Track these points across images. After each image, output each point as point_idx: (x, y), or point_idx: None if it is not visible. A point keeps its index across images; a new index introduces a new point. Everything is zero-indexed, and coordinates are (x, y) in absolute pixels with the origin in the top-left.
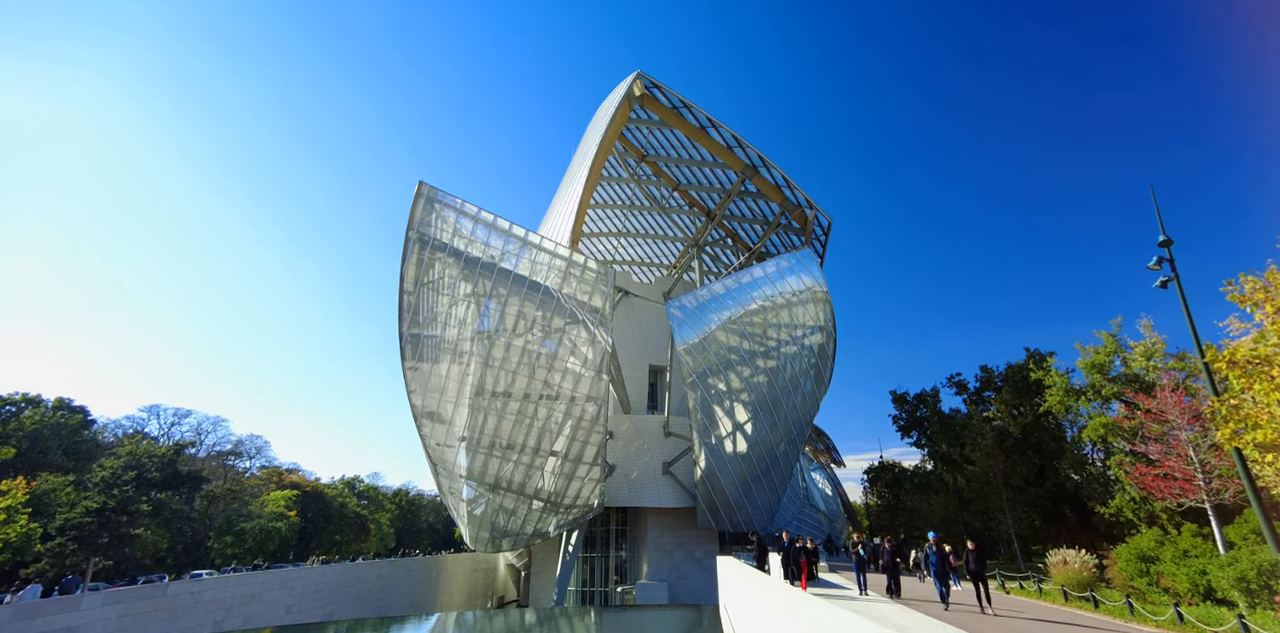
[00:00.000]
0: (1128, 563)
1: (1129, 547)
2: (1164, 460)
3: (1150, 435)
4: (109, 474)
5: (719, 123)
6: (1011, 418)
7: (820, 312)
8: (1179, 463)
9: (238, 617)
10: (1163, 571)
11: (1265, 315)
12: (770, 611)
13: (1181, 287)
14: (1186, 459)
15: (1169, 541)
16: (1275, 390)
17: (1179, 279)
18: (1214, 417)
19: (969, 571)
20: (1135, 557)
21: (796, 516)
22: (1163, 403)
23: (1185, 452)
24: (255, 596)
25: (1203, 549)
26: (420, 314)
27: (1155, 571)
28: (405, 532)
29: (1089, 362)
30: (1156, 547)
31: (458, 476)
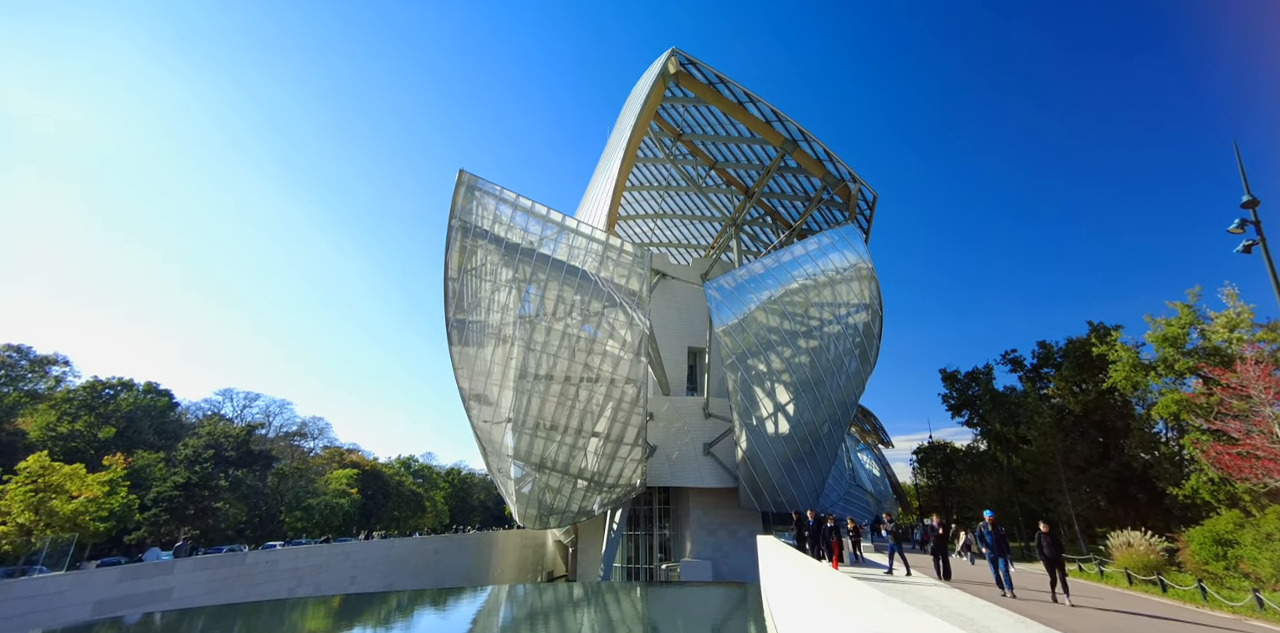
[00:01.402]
0: (1201, 546)
1: (1203, 529)
2: (1246, 439)
3: (1230, 412)
4: (191, 453)
5: (757, 97)
6: (1072, 396)
7: (865, 289)
8: (1263, 441)
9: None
10: (1242, 554)
11: None
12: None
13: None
14: (1272, 437)
15: (1250, 523)
16: None
17: (1265, 242)
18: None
19: (1043, 555)
20: (1210, 540)
21: (843, 496)
22: (1245, 377)
23: (1270, 429)
24: (322, 566)
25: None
26: (464, 300)
27: (1234, 554)
28: (458, 509)
29: (1160, 334)
30: (1235, 530)
31: (505, 455)
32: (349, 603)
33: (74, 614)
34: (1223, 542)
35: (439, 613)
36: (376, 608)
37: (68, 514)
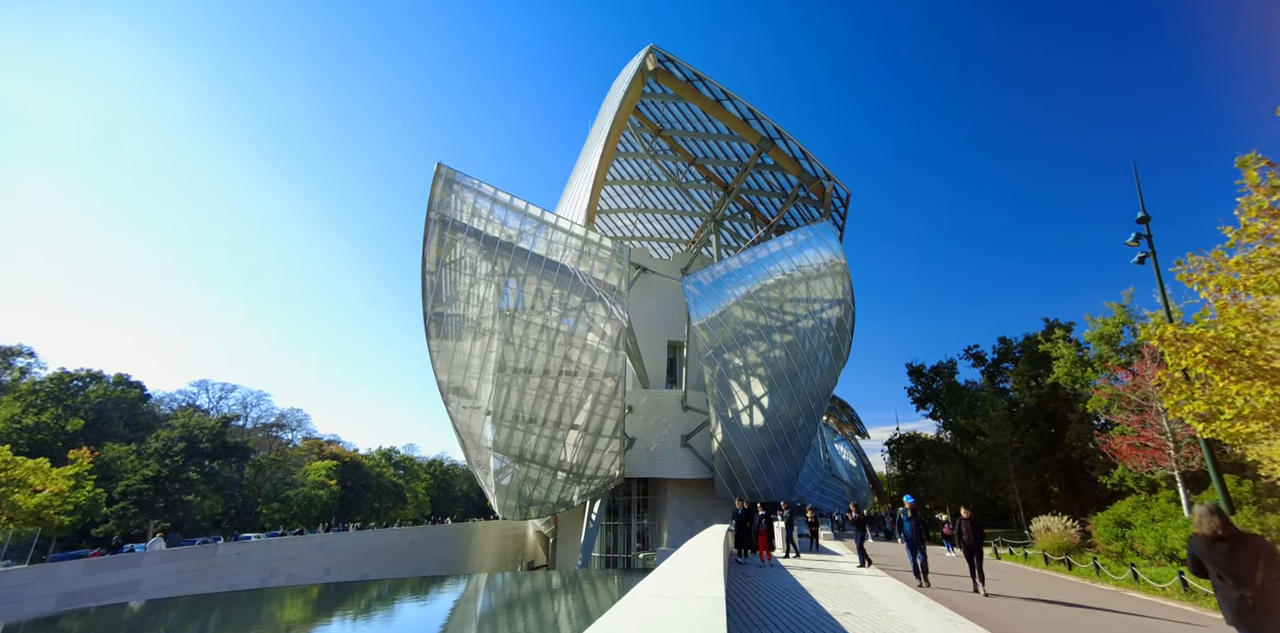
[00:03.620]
0: (1105, 528)
1: (1107, 513)
2: (1142, 431)
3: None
4: (163, 445)
5: (734, 95)
6: (1027, 389)
7: (839, 285)
8: (1154, 433)
9: (281, 576)
10: (1135, 535)
11: (1208, 294)
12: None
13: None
14: (1160, 429)
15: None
16: (1197, 366)
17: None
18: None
19: (963, 543)
20: (1113, 522)
21: (819, 486)
22: (1141, 374)
23: (1159, 422)
24: (296, 558)
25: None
26: (443, 293)
27: (1130, 535)
28: (440, 500)
29: (1097, 333)
30: (1132, 512)
31: (484, 448)
32: (324, 593)
33: (38, 607)
34: (1122, 524)
35: (416, 601)
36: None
37: (30, 509)
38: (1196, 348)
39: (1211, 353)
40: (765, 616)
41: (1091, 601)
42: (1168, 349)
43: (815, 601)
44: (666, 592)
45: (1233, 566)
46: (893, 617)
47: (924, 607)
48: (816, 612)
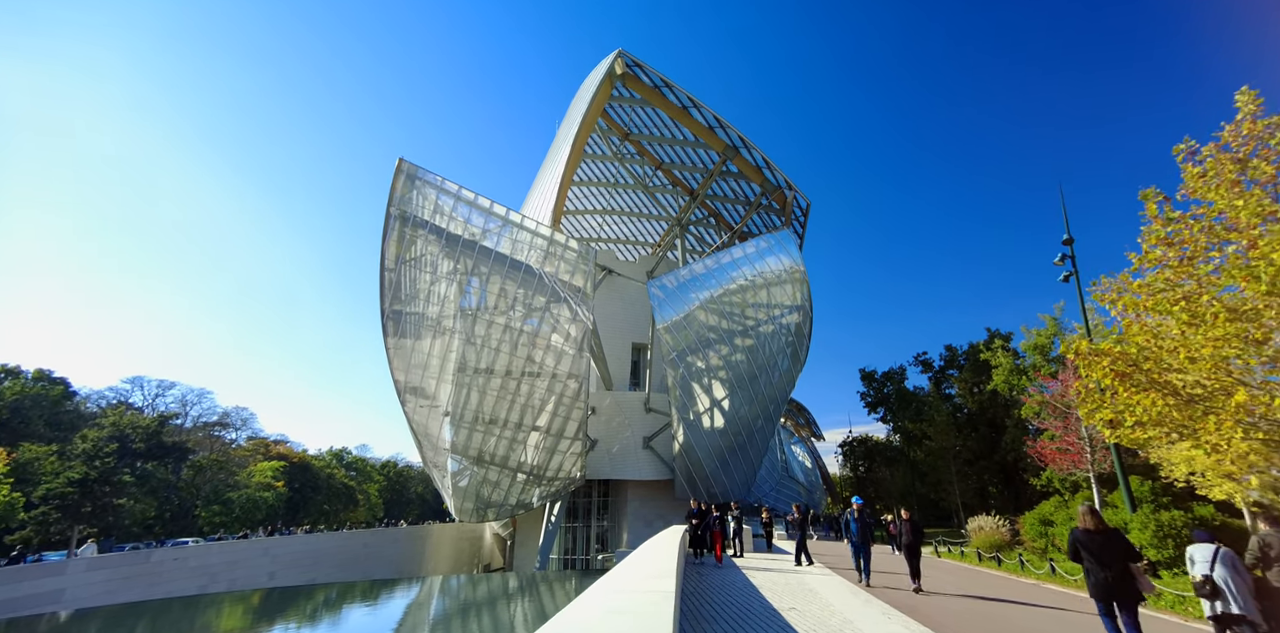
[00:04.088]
0: (1031, 527)
1: (1034, 513)
2: (1064, 436)
3: (1054, 413)
4: (91, 446)
5: (700, 103)
6: (970, 395)
7: (798, 292)
8: (1074, 438)
9: (221, 582)
10: (1056, 532)
11: (1117, 313)
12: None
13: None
14: (1079, 434)
15: (1063, 506)
16: (1105, 378)
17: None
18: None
19: (903, 543)
20: (1037, 521)
21: (775, 487)
22: (1065, 383)
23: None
24: (238, 562)
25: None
26: (402, 291)
27: (1052, 532)
28: (394, 502)
29: (1032, 343)
30: (1055, 512)
31: (442, 449)
32: (266, 599)
33: None
34: (1045, 522)
35: (365, 605)
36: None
37: None
38: (1105, 362)
39: (1117, 367)
40: (717, 611)
41: (1012, 594)
42: (1081, 362)
43: (764, 597)
44: (622, 587)
45: (1101, 554)
46: (834, 611)
47: (863, 602)
48: (764, 608)
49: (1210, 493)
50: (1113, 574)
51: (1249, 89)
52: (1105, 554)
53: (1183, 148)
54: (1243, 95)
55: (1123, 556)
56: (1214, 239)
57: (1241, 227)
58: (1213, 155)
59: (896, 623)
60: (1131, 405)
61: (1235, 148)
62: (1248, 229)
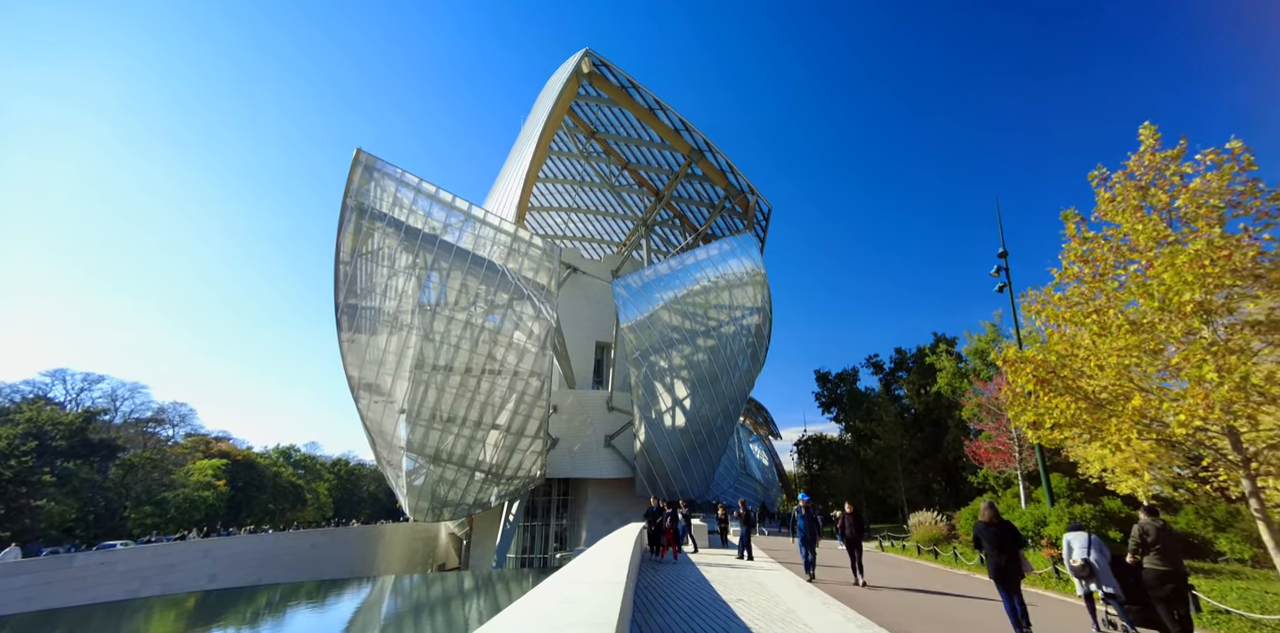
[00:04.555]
0: (965, 521)
1: (968, 508)
2: (997, 436)
3: (989, 415)
4: (5, 444)
5: (667, 105)
6: (917, 397)
7: (758, 294)
8: (1005, 438)
9: (154, 586)
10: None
11: (1041, 323)
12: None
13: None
14: (1009, 435)
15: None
16: (1028, 383)
17: (1011, 287)
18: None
19: (844, 537)
20: (971, 516)
21: (734, 485)
22: (999, 386)
23: (1008, 429)
24: (174, 565)
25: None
26: (357, 285)
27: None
28: (344, 501)
29: (973, 348)
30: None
31: (397, 447)
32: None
33: None
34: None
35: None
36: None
37: None
38: (1028, 368)
39: (1038, 373)
40: (669, 603)
41: (942, 584)
42: (1009, 369)
43: (715, 590)
44: (577, 579)
45: (998, 542)
46: (778, 602)
47: (806, 593)
48: (714, 599)
49: (1118, 488)
50: (1004, 558)
51: (1150, 124)
52: (1000, 542)
53: (1096, 174)
54: (1145, 129)
55: (1012, 543)
56: (1120, 258)
57: (1141, 248)
58: (1120, 182)
59: (834, 611)
60: (1050, 409)
61: (1139, 176)
62: (1146, 250)
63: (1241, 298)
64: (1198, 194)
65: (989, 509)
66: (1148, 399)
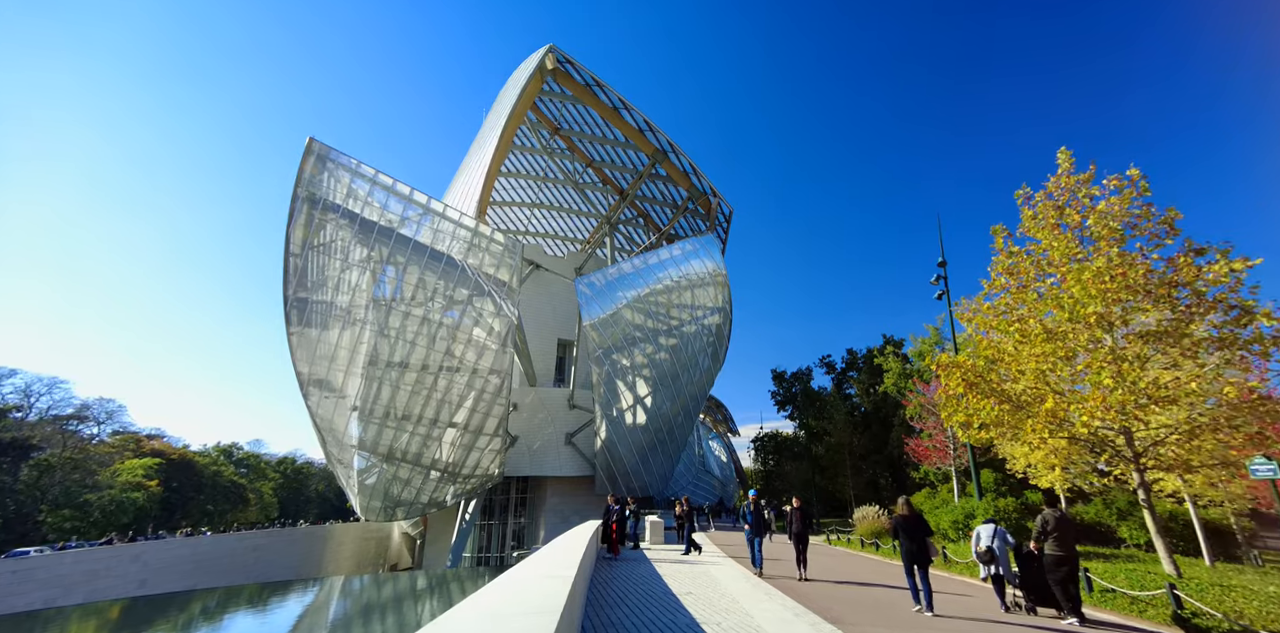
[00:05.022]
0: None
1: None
2: (935, 435)
3: (929, 415)
4: None
5: (631, 105)
6: (866, 396)
7: (719, 294)
8: (941, 437)
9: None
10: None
11: (972, 330)
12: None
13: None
14: (946, 434)
15: (931, 496)
16: (958, 387)
17: (949, 295)
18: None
19: (791, 532)
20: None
21: (693, 482)
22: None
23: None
24: (101, 571)
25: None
26: (308, 278)
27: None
28: (291, 501)
29: (917, 350)
30: (924, 501)
31: (348, 445)
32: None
33: None
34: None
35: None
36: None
37: None
38: (958, 373)
39: (967, 377)
40: (623, 597)
41: (879, 575)
42: (941, 373)
43: (666, 584)
44: (530, 574)
45: (910, 531)
46: (725, 594)
47: (752, 586)
48: (664, 592)
49: (1040, 482)
50: (916, 545)
51: (1066, 149)
52: (911, 532)
53: (1021, 193)
54: (1062, 153)
55: (922, 533)
56: (1040, 271)
57: (1057, 263)
58: (1041, 202)
59: (774, 601)
60: (978, 410)
61: (1056, 197)
62: (1061, 265)
63: (1135, 311)
64: (1103, 216)
65: (905, 504)
66: (1059, 401)
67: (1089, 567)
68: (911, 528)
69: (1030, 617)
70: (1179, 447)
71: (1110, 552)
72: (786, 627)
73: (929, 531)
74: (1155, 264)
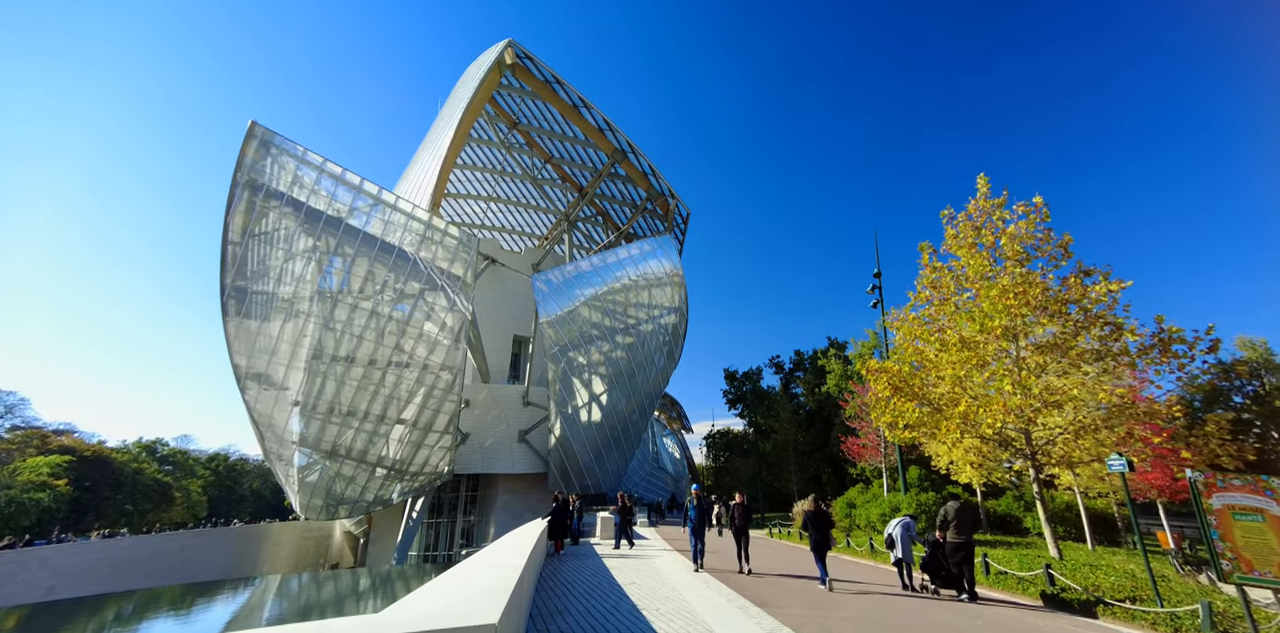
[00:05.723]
0: (840, 508)
1: (843, 497)
2: (868, 434)
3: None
4: None
5: (591, 104)
6: (811, 395)
7: (676, 294)
8: (873, 436)
9: None
10: (857, 513)
11: (900, 338)
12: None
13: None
14: (877, 433)
15: (864, 491)
16: (884, 390)
17: (883, 304)
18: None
19: (734, 526)
20: (845, 504)
21: (646, 478)
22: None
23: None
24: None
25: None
26: (248, 267)
27: (854, 513)
28: (222, 500)
29: (858, 353)
30: (858, 496)
31: (288, 441)
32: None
33: None
34: (851, 504)
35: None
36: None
37: None
38: (884, 378)
39: (893, 382)
40: (571, 588)
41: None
42: (870, 377)
43: (612, 576)
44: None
45: (817, 524)
46: (666, 584)
47: (692, 576)
48: (610, 583)
49: (959, 478)
50: (821, 536)
51: (984, 176)
52: (818, 524)
53: (946, 213)
54: (980, 179)
55: (826, 526)
56: (960, 286)
57: (972, 279)
58: (962, 222)
59: (712, 589)
60: (902, 412)
61: (975, 218)
62: (976, 281)
63: (1034, 325)
64: (1013, 238)
65: (812, 501)
66: (971, 405)
67: (990, 553)
68: (818, 522)
69: (933, 596)
70: (1065, 445)
71: (1016, 540)
72: (719, 610)
73: (831, 523)
74: (1054, 283)
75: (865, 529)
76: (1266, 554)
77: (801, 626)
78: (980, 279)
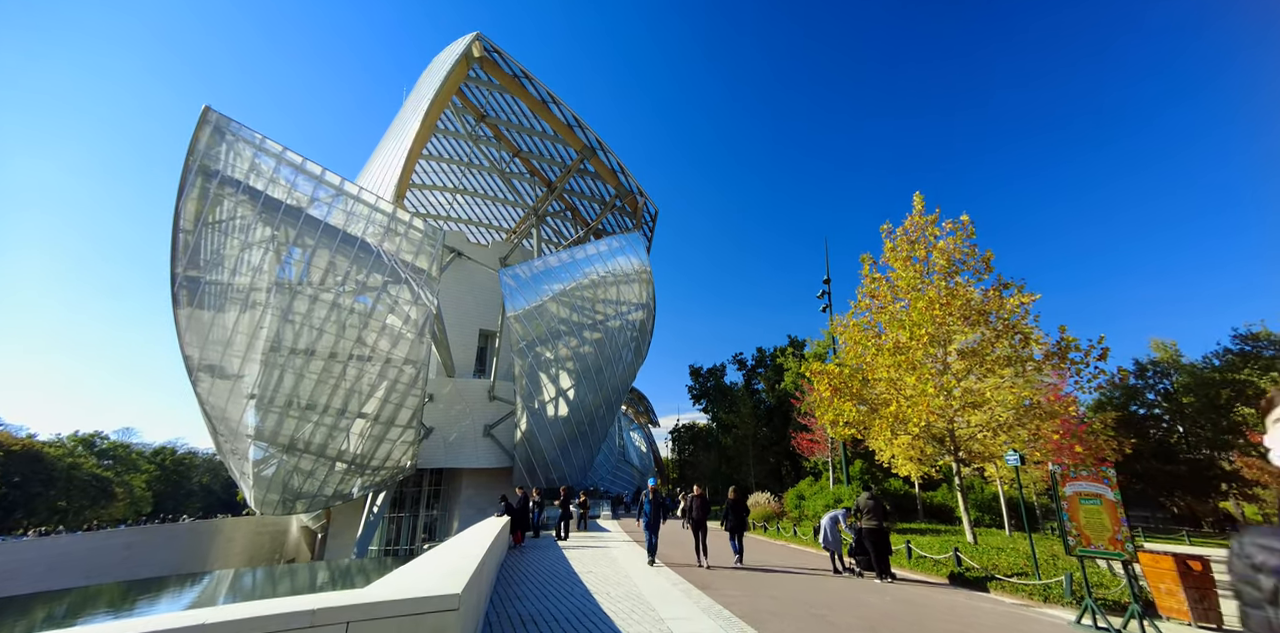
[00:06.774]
0: (790, 501)
1: (793, 490)
2: (816, 430)
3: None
4: None
5: (560, 100)
6: (771, 391)
7: (644, 291)
8: (822, 433)
9: None
10: (806, 505)
11: (843, 342)
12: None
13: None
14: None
15: (813, 484)
16: (826, 391)
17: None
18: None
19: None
20: (795, 496)
21: (612, 471)
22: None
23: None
24: None
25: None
26: (201, 256)
27: (803, 505)
28: (169, 495)
29: (814, 352)
30: (808, 489)
31: (243, 435)
32: None
33: None
34: (801, 496)
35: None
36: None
37: None
38: (826, 379)
39: (834, 382)
40: (531, 576)
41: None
42: (814, 378)
43: (570, 565)
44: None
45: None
46: (620, 571)
47: (645, 565)
48: (568, 572)
49: (899, 471)
50: (737, 519)
51: (919, 194)
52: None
53: (885, 227)
54: (916, 197)
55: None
56: (896, 295)
57: (905, 290)
58: (899, 236)
59: (662, 576)
60: (842, 411)
61: (911, 233)
62: (908, 292)
63: (957, 333)
64: (942, 252)
65: (735, 491)
66: (901, 405)
67: (915, 540)
68: (736, 508)
69: (856, 577)
70: (984, 441)
71: (946, 528)
72: (664, 593)
73: (746, 509)
74: (976, 296)
75: (813, 519)
76: (1100, 531)
77: (732, 603)
78: (911, 290)
